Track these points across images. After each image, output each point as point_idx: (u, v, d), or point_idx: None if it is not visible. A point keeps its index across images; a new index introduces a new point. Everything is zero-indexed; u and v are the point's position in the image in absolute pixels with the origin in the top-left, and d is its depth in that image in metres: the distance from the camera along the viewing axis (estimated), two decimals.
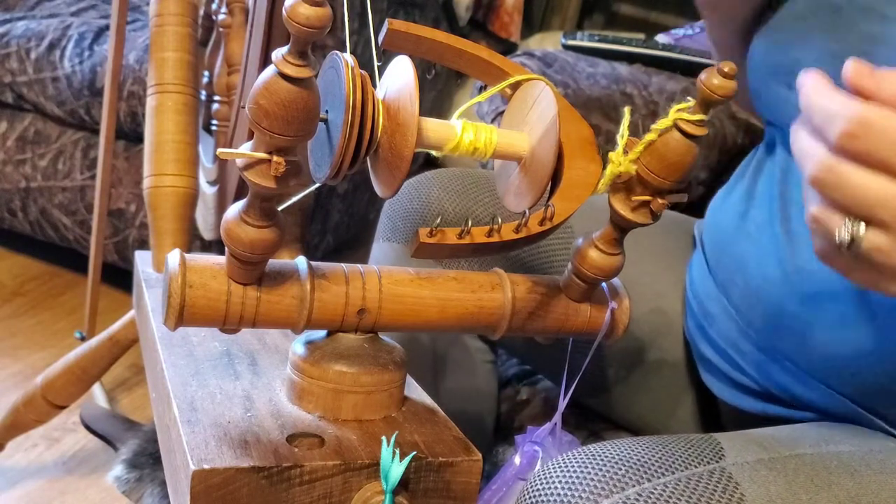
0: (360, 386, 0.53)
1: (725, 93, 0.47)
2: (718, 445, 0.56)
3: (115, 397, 1.44)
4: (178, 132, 0.93)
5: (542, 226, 0.52)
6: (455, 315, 0.55)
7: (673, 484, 0.50)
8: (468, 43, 0.56)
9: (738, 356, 0.71)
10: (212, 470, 0.46)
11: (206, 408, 0.53)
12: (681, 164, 0.50)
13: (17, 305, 1.65)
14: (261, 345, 0.64)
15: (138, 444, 0.94)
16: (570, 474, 0.52)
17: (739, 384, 0.72)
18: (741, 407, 0.72)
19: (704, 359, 0.75)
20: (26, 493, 1.22)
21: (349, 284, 0.53)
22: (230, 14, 1.00)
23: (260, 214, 0.48)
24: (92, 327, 1.43)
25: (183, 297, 0.49)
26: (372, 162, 0.52)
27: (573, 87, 1.26)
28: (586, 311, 0.58)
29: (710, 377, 0.76)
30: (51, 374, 1.13)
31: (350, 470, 0.49)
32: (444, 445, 0.53)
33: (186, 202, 0.93)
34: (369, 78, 0.49)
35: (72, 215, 1.63)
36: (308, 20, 0.42)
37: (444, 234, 0.51)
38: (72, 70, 1.54)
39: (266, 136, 0.45)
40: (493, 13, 2.34)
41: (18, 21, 1.65)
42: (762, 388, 0.69)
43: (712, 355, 0.74)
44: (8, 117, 1.65)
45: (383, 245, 0.84)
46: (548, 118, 0.51)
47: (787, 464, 0.55)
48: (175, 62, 0.95)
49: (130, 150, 1.57)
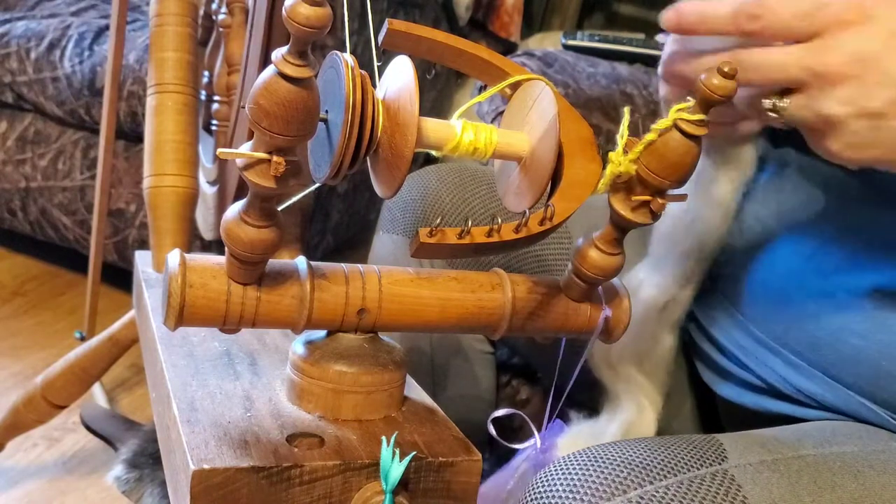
0: (360, 386, 0.53)
1: (725, 93, 0.47)
2: (721, 447, 0.56)
3: (115, 397, 1.44)
4: (178, 132, 0.93)
5: (542, 226, 0.52)
6: (455, 315, 0.55)
7: (675, 486, 0.50)
8: (468, 43, 0.56)
9: (738, 351, 0.70)
10: (212, 470, 0.46)
11: (206, 408, 0.53)
12: (681, 164, 0.50)
13: (17, 305, 1.65)
14: (261, 345, 0.64)
15: (138, 444, 0.94)
16: (571, 476, 0.52)
17: (740, 380, 0.72)
18: (742, 403, 0.72)
19: (703, 356, 0.75)
20: (26, 493, 1.22)
21: (349, 284, 0.53)
22: (230, 14, 0.99)
23: (260, 214, 0.48)
24: (92, 327, 1.43)
25: (183, 297, 0.49)
26: (372, 162, 0.52)
27: (573, 86, 1.26)
28: (586, 310, 0.58)
29: (710, 374, 0.75)
30: (51, 374, 1.13)
31: (350, 470, 0.49)
32: (444, 445, 0.53)
33: (186, 202, 0.93)
34: (369, 78, 0.49)
35: (72, 215, 1.63)
36: (308, 20, 0.42)
37: (444, 234, 0.51)
38: (72, 70, 1.54)
39: (266, 136, 0.45)
40: (493, 13, 2.34)
41: (18, 21, 1.65)
42: (764, 382, 0.69)
43: (712, 351, 0.74)
44: (8, 117, 1.65)
45: (383, 237, 0.85)
46: (548, 118, 0.51)
47: (789, 465, 0.55)
48: (175, 62, 0.95)
49: (130, 150, 1.57)
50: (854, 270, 0.63)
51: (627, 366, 0.73)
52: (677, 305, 0.73)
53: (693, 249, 0.70)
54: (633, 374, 0.73)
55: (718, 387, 0.74)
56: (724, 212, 0.69)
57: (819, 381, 0.64)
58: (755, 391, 0.70)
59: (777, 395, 0.68)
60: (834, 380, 0.64)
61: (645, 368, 0.73)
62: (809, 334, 0.64)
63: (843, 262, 0.63)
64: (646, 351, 0.73)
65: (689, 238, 0.70)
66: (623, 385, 0.73)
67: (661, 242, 0.71)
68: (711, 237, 0.70)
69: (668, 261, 0.71)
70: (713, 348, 0.74)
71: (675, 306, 0.73)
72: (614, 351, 0.73)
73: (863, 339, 0.61)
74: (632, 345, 0.72)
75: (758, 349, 0.69)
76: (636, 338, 0.71)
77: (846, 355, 0.62)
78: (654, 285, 0.71)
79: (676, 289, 0.72)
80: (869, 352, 0.61)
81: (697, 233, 0.70)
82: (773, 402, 0.69)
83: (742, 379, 0.71)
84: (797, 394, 0.66)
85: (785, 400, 0.68)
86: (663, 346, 0.73)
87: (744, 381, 0.71)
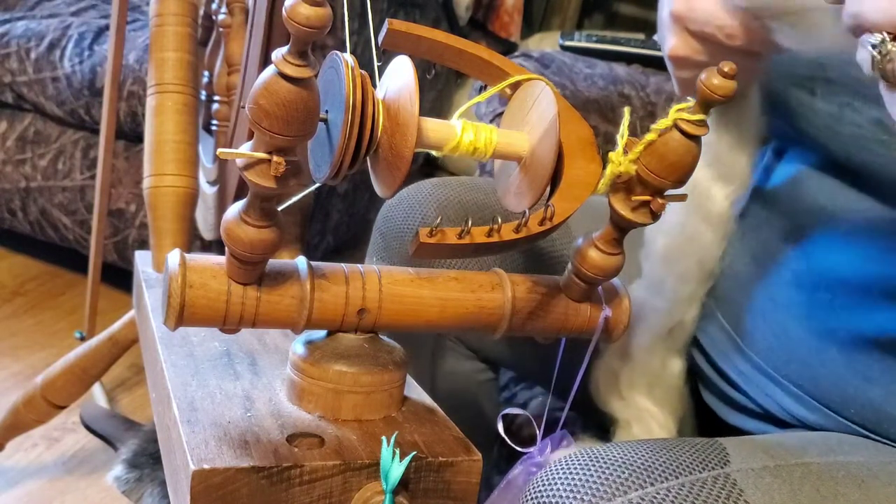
0: (360, 386, 0.53)
1: (725, 93, 0.47)
2: (724, 451, 0.55)
3: (115, 397, 1.44)
4: (178, 132, 0.93)
5: (542, 226, 0.52)
6: (455, 315, 0.55)
7: (676, 489, 0.50)
8: (468, 43, 0.56)
9: (738, 377, 0.69)
10: (212, 470, 0.46)
11: (206, 408, 0.53)
12: (681, 164, 0.50)
13: (17, 305, 1.65)
14: (261, 345, 0.64)
15: (138, 444, 0.94)
16: (572, 476, 0.51)
17: (739, 405, 0.70)
18: (742, 428, 0.70)
19: (706, 379, 0.74)
20: (26, 493, 1.22)
21: (349, 284, 0.53)
22: (230, 14, 0.99)
23: (260, 214, 0.48)
24: (92, 327, 1.43)
25: (183, 297, 0.49)
26: (372, 162, 0.52)
27: (571, 88, 1.26)
28: (586, 311, 0.58)
29: (709, 395, 0.74)
30: (51, 374, 1.13)
31: (350, 470, 0.49)
32: (444, 445, 0.53)
33: (186, 202, 0.93)
34: (369, 78, 0.49)
35: (72, 215, 1.63)
36: (308, 20, 0.42)
37: (444, 234, 0.51)
38: (72, 70, 1.54)
39: (266, 136, 0.45)
40: (493, 13, 2.34)
41: (18, 21, 1.65)
42: (763, 410, 0.68)
43: (713, 375, 0.72)
44: (8, 117, 1.65)
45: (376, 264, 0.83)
46: (548, 118, 0.51)
47: (793, 472, 0.54)
48: (175, 62, 0.95)
49: (130, 150, 1.57)
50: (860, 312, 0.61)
51: (638, 395, 0.70)
52: (683, 328, 0.70)
53: (692, 270, 0.67)
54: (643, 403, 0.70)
55: (722, 411, 0.73)
56: (721, 228, 0.66)
57: (821, 414, 0.63)
58: (756, 417, 0.69)
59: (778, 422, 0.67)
60: (837, 415, 0.62)
61: (655, 396, 0.70)
62: (811, 369, 0.63)
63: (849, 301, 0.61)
64: (655, 378, 0.70)
65: (687, 258, 0.67)
66: (635, 412, 0.71)
67: (658, 264, 0.68)
68: (710, 255, 0.67)
69: (668, 283, 0.68)
70: (714, 372, 0.72)
71: (681, 330, 0.70)
72: (623, 380, 0.70)
73: (867, 382, 0.60)
74: (640, 373, 0.70)
75: (758, 377, 0.67)
76: (644, 366, 0.69)
77: (849, 395, 0.61)
78: (657, 310, 0.68)
79: (681, 312, 0.69)
80: (873, 395, 0.60)
81: (695, 252, 0.67)
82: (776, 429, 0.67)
83: (743, 405, 0.70)
84: (798, 423, 0.65)
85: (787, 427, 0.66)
86: (672, 372, 0.70)
87: (745, 407, 0.70)
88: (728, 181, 0.65)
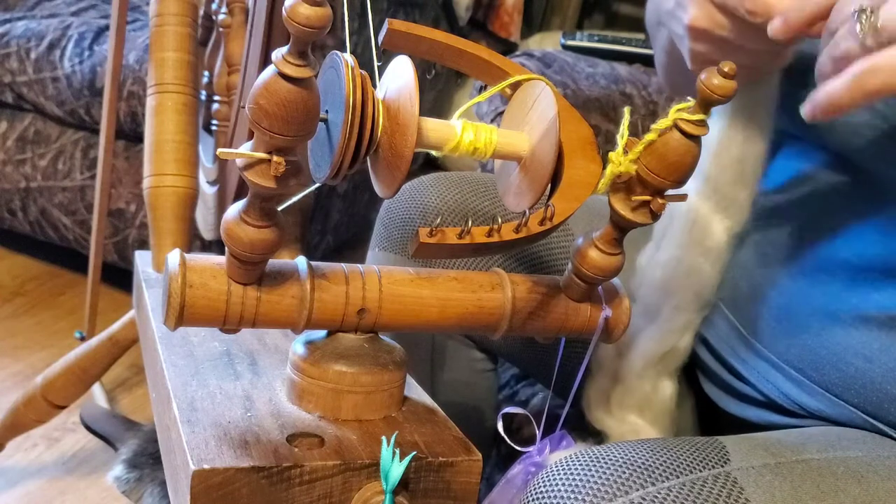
0: (360, 386, 0.53)
1: (725, 92, 0.47)
2: (724, 449, 0.55)
3: (115, 397, 1.44)
4: (178, 132, 0.93)
5: (542, 226, 0.52)
6: (455, 315, 0.55)
7: (677, 488, 0.50)
8: (468, 43, 0.56)
9: (739, 364, 0.69)
10: (212, 470, 0.46)
11: (206, 408, 0.53)
12: (681, 163, 0.50)
13: (17, 305, 1.65)
14: (261, 345, 0.64)
15: (138, 444, 0.94)
16: (572, 477, 0.52)
17: (741, 393, 0.70)
18: (743, 417, 0.71)
19: (705, 368, 0.74)
20: (26, 493, 1.22)
21: (349, 284, 0.53)
22: (230, 14, 1.00)
23: (260, 214, 0.48)
24: (92, 327, 1.43)
25: (183, 297, 0.49)
26: (372, 162, 0.52)
27: (572, 87, 1.26)
28: (586, 310, 0.58)
29: (711, 385, 0.74)
30: (51, 374, 1.13)
31: (350, 470, 0.49)
32: (444, 445, 0.53)
33: (186, 202, 0.93)
34: (369, 78, 0.49)
35: (72, 215, 1.63)
36: (308, 20, 0.42)
37: (444, 234, 0.51)
38: (72, 70, 1.54)
39: (266, 136, 0.45)
40: (493, 13, 2.34)
41: (18, 21, 1.65)
42: (765, 397, 0.68)
43: (713, 363, 0.73)
44: (8, 117, 1.65)
45: (378, 254, 0.84)
46: (548, 118, 0.51)
47: (793, 469, 0.54)
48: (175, 62, 0.95)
49: (130, 150, 1.57)
50: (860, 292, 0.61)
51: (628, 413, 0.71)
52: (676, 354, 0.70)
53: (689, 301, 0.68)
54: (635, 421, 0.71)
55: (723, 401, 0.73)
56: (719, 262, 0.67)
57: (822, 398, 0.63)
58: (758, 405, 0.69)
59: (780, 409, 0.67)
60: (838, 398, 0.63)
61: (647, 417, 0.71)
62: (812, 353, 0.63)
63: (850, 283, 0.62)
64: (646, 401, 0.71)
65: (684, 291, 0.67)
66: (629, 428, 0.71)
67: (653, 293, 0.69)
68: (707, 287, 0.68)
69: (664, 312, 0.68)
70: (715, 361, 0.72)
71: (674, 355, 0.70)
72: (614, 399, 0.71)
73: (867, 362, 0.60)
74: (631, 395, 0.70)
75: (759, 363, 0.67)
76: (635, 389, 0.70)
77: (850, 376, 0.61)
78: (651, 338, 0.69)
79: (674, 340, 0.69)
80: (873, 375, 0.60)
81: (692, 285, 0.67)
82: (777, 416, 0.68)
83: (744, 393, 0.70)
84: (800, 410, 0.65)
85: (788, 415, 0.67)
86: (663, 395, 0.71)
87: (745, 395, 0.70)
88: (728, 214, 0.66)
